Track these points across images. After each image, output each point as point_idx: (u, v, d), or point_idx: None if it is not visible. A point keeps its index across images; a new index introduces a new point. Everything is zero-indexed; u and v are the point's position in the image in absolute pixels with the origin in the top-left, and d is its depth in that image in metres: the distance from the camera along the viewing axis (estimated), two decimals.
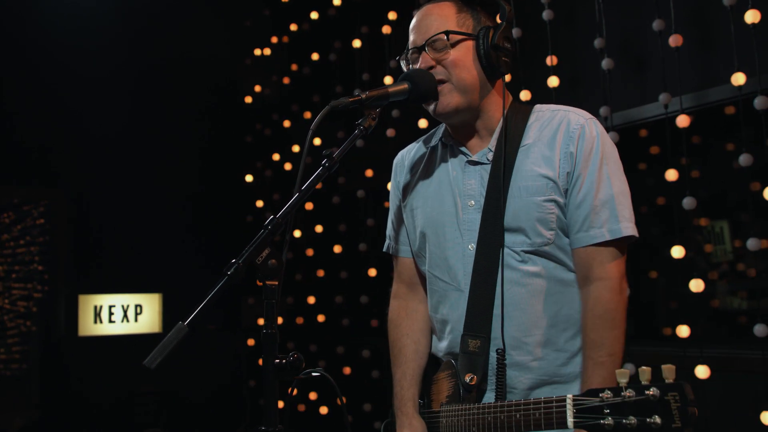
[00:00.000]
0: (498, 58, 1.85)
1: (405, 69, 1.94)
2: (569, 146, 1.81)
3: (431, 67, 1.85)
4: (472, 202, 1.88)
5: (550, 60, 3.97)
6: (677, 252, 3.48)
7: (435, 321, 2.01)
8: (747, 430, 3.45)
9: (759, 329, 3.16)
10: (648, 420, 1.21)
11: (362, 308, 5.32)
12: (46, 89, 5.99)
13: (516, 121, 1.89)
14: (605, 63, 3.75)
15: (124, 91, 6.24)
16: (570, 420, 1.35)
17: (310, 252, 5.92)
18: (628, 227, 1.78)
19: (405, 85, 1.80)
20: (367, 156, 5.05)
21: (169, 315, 6.38)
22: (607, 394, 1.27)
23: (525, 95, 4.04)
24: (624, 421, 1.23)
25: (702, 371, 3.29)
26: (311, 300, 5.85)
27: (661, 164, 3.61)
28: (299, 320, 6.04)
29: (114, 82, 6.17)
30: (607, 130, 3.73)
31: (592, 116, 1.87)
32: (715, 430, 3.51)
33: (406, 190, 2.09)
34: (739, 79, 3.27)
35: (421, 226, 1.99)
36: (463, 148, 1.94)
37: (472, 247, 1.85)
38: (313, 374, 1.47)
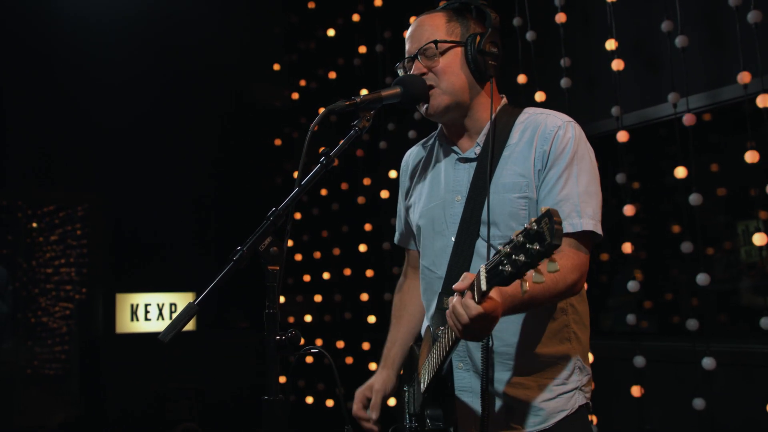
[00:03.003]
0: (485, 62, 1.97)
1: (401, 75, 2.08)
2: (544, 146, 1.92)
3: (423, 74, 1.99)
4: (459, 197, 2.02)
5: (564, 62, 4.08)
6: (686, 247, 3.56)
7: (424, 305, 2.19)
8: (755, 422, 3.53)
9: (765, 322, 3.23)
10: (530, 249, 1.32)
11: (387, 305, 5.45)
12: (80, 100, 6.23)
13: (504, 122, 2.01)
14: (615, 64, 3.86)
15: (156, 97, 6.45)
16: (483, 285, 1.47)
17: (336, 251, 6.08)
18: (589, 223, 1.86)
19: (397, 89, 1.94)
20: (391, 157, 5.20)
21: (201, 312, 6.55)
22: (504, 247, 1.39)
23: (540, 96, 4.15)
24: (516, 260, 1.35)
25: (708, 363, 3.38)
26: (338, 298, 6.01)
27: (681, 163, 3.68)
28: (327, 318, 6.21)
29: (144, 89, 6.38)
30: (617, 129, 3.84)
31: (572, 119, 1.98)
32: (724, 423, 3.58)
33: (409, 190, 2.26)
34: (744, 78, 3.35)
35: (417, 221, 2.15)
36: (454, 147, 2.09)
37: (454, 239, 1.99)
38: (312, 351, 1.62)
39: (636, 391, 3.73)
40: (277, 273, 1.56)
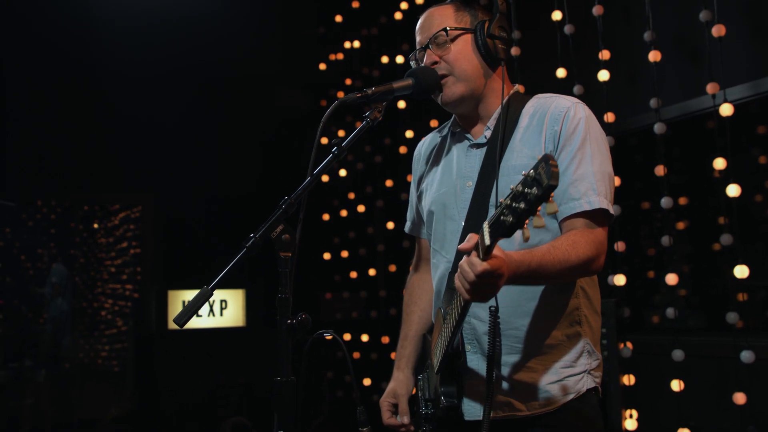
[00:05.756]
0: (495, 46, 2.00)
1: (414, 66, 2.12)
2: (554, 126, 1.93)
3: (435, 63, 2.02)
4: (470, 183, 2.04)
5: (602, 55, 4.06)
6: (726, 239, 3.51)
7: (434, 290, 2.20)
8: None
9: None
10: (528, 194, 1.32)
11: None
12: (131, 107, 6.46)
13: (514, 107, 2.03)
14: (653, 56, 3.81)
15: (206, 100, 6.64)
16: (487, 239, 1.47)
17: (381, 248, 6.14)
18: (604, 201, 1.86)
19: (409, 81, 1.98)
20: None
21: (252, 309, 6.70)
22: (505, 199, 1.39)
23: (578, 90, 4.13)
24: (516, 208, 1.35)
25: (747, 356, 3.33)
26: (383, 293, 6.07)
27: (719, 155, 3.62)
28: (373, 314, 6.27)
29: (195, 93, 6.58)
30: (656, 122, 3.80)
31: (581, 101, 1.99)
32: (761, 414, 3.53)
33: (421, 177, 2.29)
34: None
35: (429, 206, 2.18)
36: (467, 134, 2.11)
37: (464, 223, 2.01)
38: (326, 336, 1.67)
39: (675, 385, 3.69)
40: (289, 259, 1.61)
